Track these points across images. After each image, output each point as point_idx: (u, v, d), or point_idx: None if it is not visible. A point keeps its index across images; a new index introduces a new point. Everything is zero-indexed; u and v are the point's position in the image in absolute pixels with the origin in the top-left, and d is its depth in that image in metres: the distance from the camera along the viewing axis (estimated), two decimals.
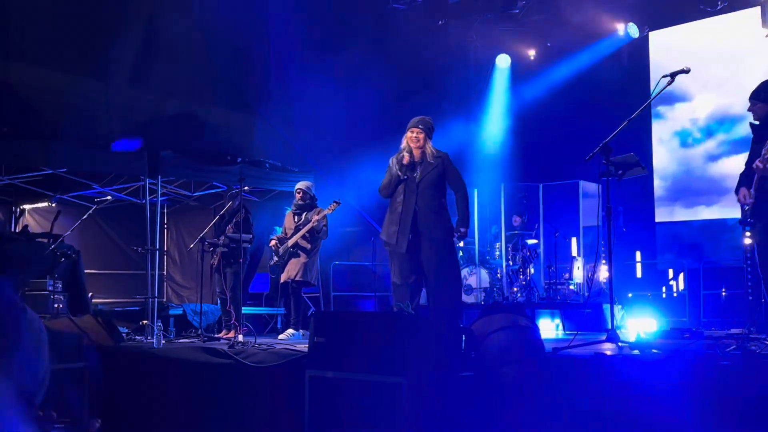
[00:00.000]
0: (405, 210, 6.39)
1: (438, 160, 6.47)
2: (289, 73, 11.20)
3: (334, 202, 8.61)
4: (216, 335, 8.59)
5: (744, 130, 10.35)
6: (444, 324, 5.43)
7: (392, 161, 6.57)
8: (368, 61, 11.22)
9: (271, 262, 8.90)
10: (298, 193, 8.77)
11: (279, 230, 9.21)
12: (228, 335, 8.31)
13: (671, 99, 12.33)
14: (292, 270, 8.54)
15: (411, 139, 6.49)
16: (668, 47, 12.69)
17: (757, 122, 6.24)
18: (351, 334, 4.84)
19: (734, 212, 8.57)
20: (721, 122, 12.10)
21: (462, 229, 6.51)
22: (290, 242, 8.57)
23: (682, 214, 12.54)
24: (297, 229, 8.60)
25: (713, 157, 12.29)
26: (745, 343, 4.88)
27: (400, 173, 6.46)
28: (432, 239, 6.33)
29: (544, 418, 4.36)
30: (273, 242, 8.81)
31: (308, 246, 8.55)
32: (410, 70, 12.31)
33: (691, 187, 12.49)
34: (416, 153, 6.47)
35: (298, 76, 11.18)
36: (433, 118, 6.77)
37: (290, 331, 8.33)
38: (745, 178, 6.11)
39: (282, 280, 8.67)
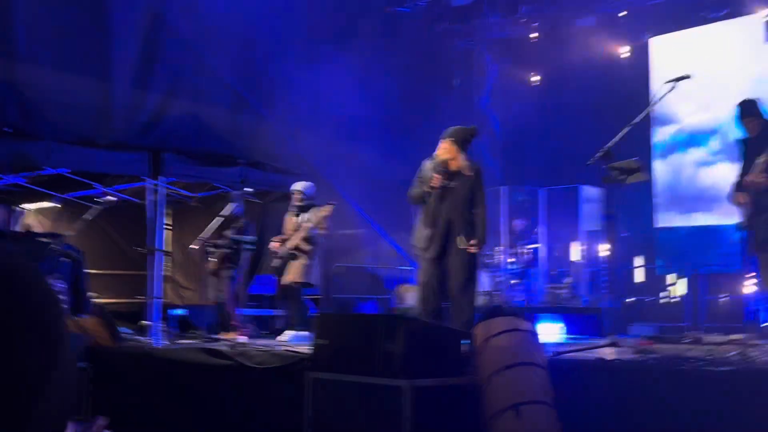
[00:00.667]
0: (439, 217, 6.51)
1: (473, 173, 6.62)
2: (293, 76, 11.20)
3: (329, 204, 8.55)
4: (216, 336, 8.60)
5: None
6: (445, 327, 5.46)
7: (426, 166, 6.65)
8: (371, 63, 11.24)
9: (272, 264, 8.85)
10: (295, 194, 8.70)
11: None
12: (227, 336, 8.31)
13: (670, 105, 12.33)
14: (291, 272, 8.50)
15: (442, 149, 6.57)
16: (669, 53, 12.71)
17: (743, 138, 6.35)
18: (353, 337, 4.86)
19: (729, 219, 8.60)
20: (718, 128, 12.11)
21: (473, 242, 6.53)
22: (289, 244, 8.53)
23: (680, 219, 12.55)
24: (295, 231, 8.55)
25: (708, 164, 12.31)
26: (745, 349, 4.90)
27: (431, 190, 6.53)
28: (461, 249, 6.48)
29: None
30: (274, 244, 8.79)
31: (307, 248, 8.50)
32: (413, 74, 12.33)
33: (686, 194, 12.51)
34: (451, 164, 6.54)
35: (301, 78, 11.18)
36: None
37: (290, 332, 8.29)
38: (740, 187, 6.24)
39: (282, 282, 8.67)
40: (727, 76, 11.87)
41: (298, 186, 8.76)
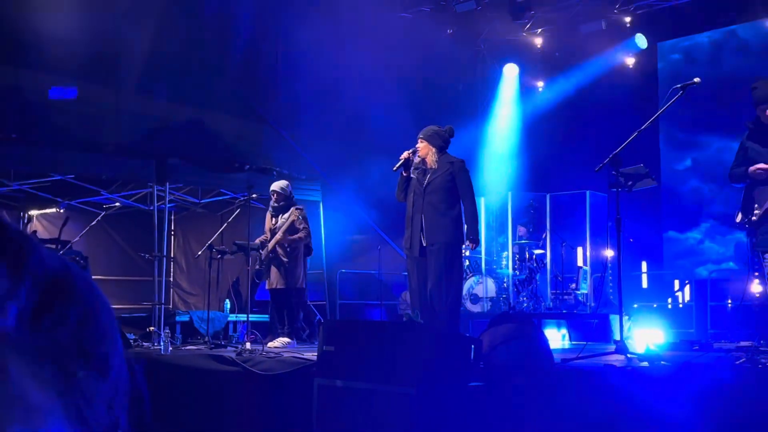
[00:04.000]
0: (415, 214, 6.48)
1: (448, 166, 6.52)
2: (298, 82, 11.22)
3: (296, 208, 8.31)
4: (224, 343, 8.52)
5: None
6: (453, 334, 5.43)
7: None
8: (376, 69, 11.24)
9: (255, 267, 8.54)
10: (273, 194, 8.36)
11: None
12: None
13: (678, 111, 12.31)
14: (273, 278, 8.23)
15: (418, 146, 6.63)
16: (676, 58, 12.69)
17: (754, 122, 5.98)
18: (360, 344, 4.83)
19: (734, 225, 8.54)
20: (725, 135, 12.07)
21: (469, 240, 6.56)
22: (269, 246, 8.21)
23: (687, 225, 12.52)
24: (273, 233, 8.29)
25: (716, 169, 12.27)
26: (754, 355, 4.86)
27: (394, 169, 6.69)
28: (435, 245, 6.40)
29: (554, 430, 4.35)
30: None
31: (284, 251, 8.20)
32: (418, 79, 12.33)
33: (693, 200, 12.47)
34: (427, 161, 6.54)
35: (306, 84, 11.20)
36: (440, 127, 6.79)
37: (284, 339, 7.99)
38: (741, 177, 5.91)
39: (267, 287, 8.41)
40: (734, 82, 11.84)
41: (275, 186, 8.40)
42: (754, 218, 5.81)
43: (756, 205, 5.81)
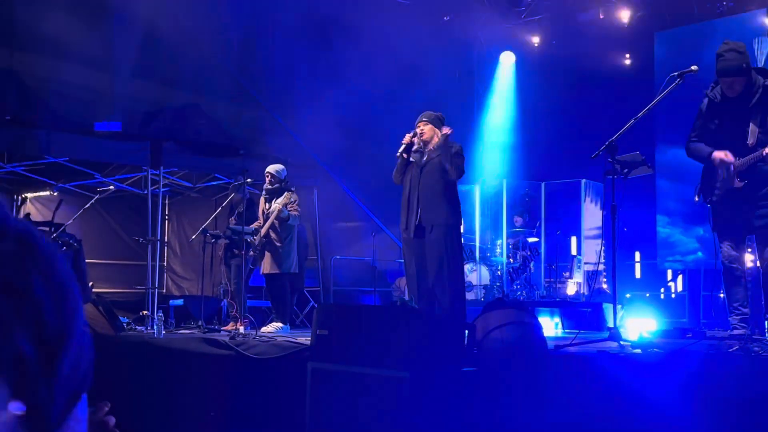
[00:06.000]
0: (411, 195, 6.47)
1: (442, 147, 6.50)
2: (294, 67, 11.18)
3: (288, 191, 8.25)
4: (218, 327, 8.54)
5: None
6: (447, 318, 5.43)
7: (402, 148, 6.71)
8: (373, 55, 11.20)
9: (250, 253, 8.59)
10: (267, 176, 8.34)
11: None
12: (228, 327, 8.20)
13: (675, 99, 12.29)
14: (266, 263, 8.22)
15: (419, 131, 6.59)
16: (674, 47, 12.67)
17: (712, 93, 5.82)
18: (354, 328, 4.83)
19: None
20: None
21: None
22: (263, 231, 8.21)
23: (681, 214, 12.53)
24: (266, 217, 8.27)
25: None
26: (747, 343, 4.88)
27: (398, 154, 6.62)
28: (432, 226, 6.37)
29: (547, 415, 4.36)
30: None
31: (277, 236, 8.19)
32: (414, 65, 12.29)
33: (688, 189, 12.49)
34: (432, 144, 6.53)
35: (302, 69, 11.17)
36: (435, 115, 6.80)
37: (277, 324, 8.01)
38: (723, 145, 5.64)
39: (261, 272, 8.41)
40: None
41: (270, 168, 8.39)
42: (715, 199, 5.71)
43: (717, 185, 5.67)
